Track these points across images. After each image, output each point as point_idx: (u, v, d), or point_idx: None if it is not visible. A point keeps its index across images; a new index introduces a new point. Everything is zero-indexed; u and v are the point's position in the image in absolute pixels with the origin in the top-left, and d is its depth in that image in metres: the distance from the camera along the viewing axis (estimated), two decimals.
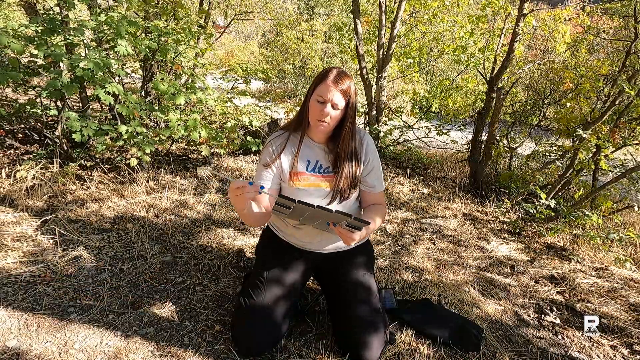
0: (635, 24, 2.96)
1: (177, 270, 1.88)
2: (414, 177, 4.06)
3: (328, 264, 1.52)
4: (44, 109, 2.69)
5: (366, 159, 1.44)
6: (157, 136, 2.72)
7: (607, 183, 2.87)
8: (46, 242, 1.95)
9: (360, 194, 1.50)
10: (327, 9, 12.25)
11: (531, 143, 4.40)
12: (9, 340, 1.33)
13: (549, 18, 4.54)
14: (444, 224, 2.88)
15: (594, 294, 2.07)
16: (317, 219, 1.24)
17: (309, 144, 1.42)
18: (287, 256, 1.49)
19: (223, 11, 6.82)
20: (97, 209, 2.35)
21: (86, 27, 2.39)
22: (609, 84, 3.34)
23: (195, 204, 2.62)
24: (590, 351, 1.63)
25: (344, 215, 1.14)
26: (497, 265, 2.33)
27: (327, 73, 1.29)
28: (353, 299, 1.41)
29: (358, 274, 1.47)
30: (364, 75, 4.14)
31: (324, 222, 1.24)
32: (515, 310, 1.87)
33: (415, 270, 2.12)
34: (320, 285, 1.61)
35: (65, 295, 1.58)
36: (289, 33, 10.00)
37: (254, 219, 1.33)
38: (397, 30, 4.08)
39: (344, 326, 1.40)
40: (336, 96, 1.26)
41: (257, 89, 10.78)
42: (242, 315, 1.39)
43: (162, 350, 1.36)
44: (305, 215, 1.22)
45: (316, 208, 1.11)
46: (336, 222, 1.21)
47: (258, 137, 3.80)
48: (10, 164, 2.62)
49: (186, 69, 3.21)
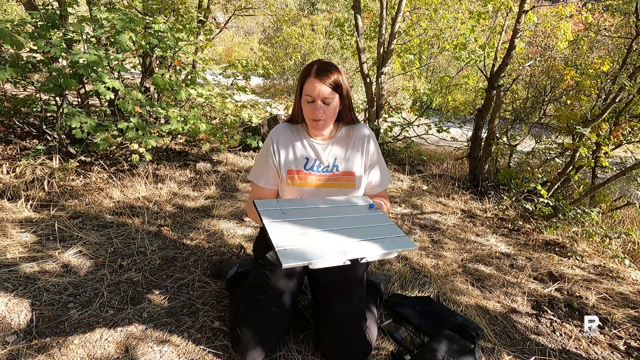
0: (637, 21, 2.95)
1: (177, 266, 1.88)
2: (414, 173, 4.06)
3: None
4: (43, 105, 2.68)
5: (368, 152, 1.40)
6: (157, 132, 2.72)
7: (607, 180, 2.87)
8: (46, 237, 1.95)
9: (365, 191, 1.46)
10: (328, 4, 12.19)
11: (531, 140, 4.39)
12: (8, 335, 1.33)
13: (550, 15, 4.52)
14: (443, 221, 2.88)
15: (592, 290, 2.08)
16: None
17: (308, 142, 1.38)
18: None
19: (223, 6, 6.79)
20: (96, 205, 2.35)
21: (86, 21, 2.38)
22: (609, 81, 3.33)
23: (195, 200, 2.62)
24: (588, 348, 1.64)
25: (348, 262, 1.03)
26: (495, 262, 2.34)
27: (309, 69, 1.23)
28: (335, 301, 1.36)
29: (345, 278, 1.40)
30: (364, 72, 4.13)
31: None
32: (513, 307, 1.87)
33: (414, 266, 2.13)
34: (309, 282, 1.56)
35: (65, 291, 1.59)
36: (289, 29, 9.95)
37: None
38: (398, 26, 4.06)
39: (325, 327, 1.37)
40: (323, 90, 1.21)
41: (256, 85, 10.75)
42: (247, 326, 1.31)
43: (162, 346, 1.37)
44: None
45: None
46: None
47: (258, 133, 3.80)
48: (9, 159, 2.62)
49: (186, 64, 3.20)
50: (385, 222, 1.21)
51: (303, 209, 1.23)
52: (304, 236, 1.08)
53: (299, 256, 0.98)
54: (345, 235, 1.10)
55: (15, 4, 8.89)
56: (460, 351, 1.42)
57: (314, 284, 1.47)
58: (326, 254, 1.01)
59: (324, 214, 1.21)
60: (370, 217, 1.23)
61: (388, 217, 1.25)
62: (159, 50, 2.80)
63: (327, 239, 1.08)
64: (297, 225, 1.12)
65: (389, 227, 1.19)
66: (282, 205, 1.23)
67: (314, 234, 1.09)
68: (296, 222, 1.14)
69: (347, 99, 1.31)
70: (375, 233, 1.14)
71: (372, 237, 1.11)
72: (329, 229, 1.13)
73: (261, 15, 9.35)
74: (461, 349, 1.43)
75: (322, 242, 1.06)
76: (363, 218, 1.22)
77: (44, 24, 2.26)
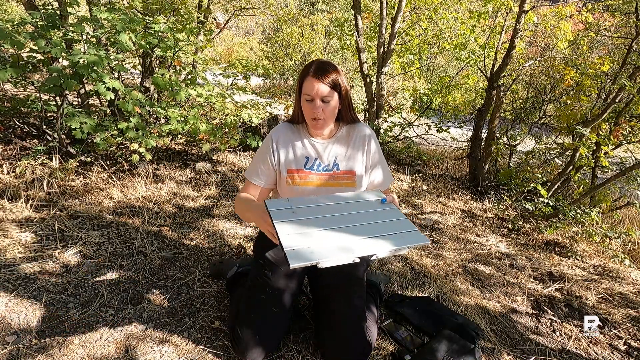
0: (637, 21, 2.95)
1: (177, 266, 1.88)
2: (414, 173, 4.06)
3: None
4: (43, 105, 2.69)
5: (369, 151, 1.40)
6: (157, 132, 2.72)
7: (607, 180, 2.87)
8: (46, 237, 1.95)
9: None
10: (328, 4, 12.19)
11: (531, 140, 4.39)
12: (8, 335, 1.33)
13: (550, 15, 4.52)
14: (443, 221, 2.88)
15: (592, 290, 2.08)
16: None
17: (309, 141, 1.37)
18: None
19: (223, 7, 6.79)
20: (96, 205, 2.35)
21: (86, 21, 2.38)
22: (609, 81, 3.33)
23: (195, 200, 2.62)
24: (588, 348, 1.64)
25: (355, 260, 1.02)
26: (495, 262, 2.34)
27: (308, 68, 1.25)
28: (335, 301, 1.36)
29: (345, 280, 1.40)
30: (364, 72, 4.13)
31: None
32: (513, 307, 1.87)
33: (414, 266, 2.13)
34: (309, 282, 1.56)
35: (65, 291, 1.59)
36: (289, 29, 9.95)
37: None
38: (398, 26, 4.06)
39: (325, 327, 1.37)
40: (322, 88, 1.22)
41: (256, 85, 10.75)
42: (247, 326, 1.31)
43: (162, 346, 1.37)
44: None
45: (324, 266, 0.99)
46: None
47: (258, 133, 3.80)
48: (9, 159, 2.62)
49: (186, 64, 3.20)
50: (397, 217, 1.18)
51: (313, 207, 1.21)
52: (313, 235, 1.07)
53: (307, 256, 0.98)
54: (355, 233, 1.09)
55: (15, 4, 8.89)
56: (460, 351, 1.42)
57: (314, 284, 1.47)
58: (334, 253, 1.01)
59: (334, 211, 1.19)
60: (382, 212, 1.20)
61: (400, 212, 1.21)
62: (159, 50, 2.80)
63: (337, 237, 1.07)
64: (307, 225, 1.11)
65: (400, 222, 1.16)
66: (293, 204, 1.22)
67: (323, 233, 1.08)
68: (306, 221, 1.13)
69: (347, 98, 1.31)
70: (385, 229, 1.12)
71: (383, 234, 1.09)
72: (339, 227, 1.11)
73: (261, 15, 9.35)
74: (461, 349, 1.43)
75: (331, 241, 1.05)
76: (375, 213, 1.19)
77: (44, 24, 2.26)
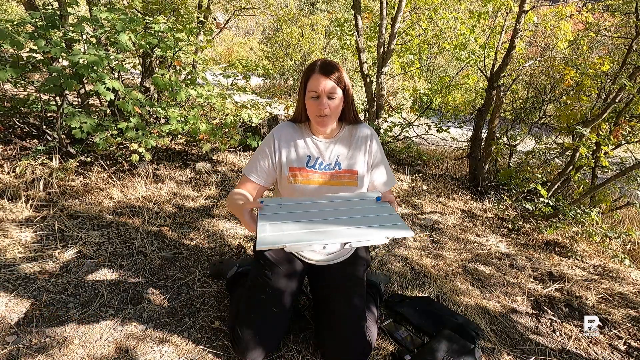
0: (637, 21, 2.95)
1: (177, 266, 1.88)
2: (414, 173, 4.06)
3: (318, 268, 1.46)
4: (43, 105, 2.69)
5: (370, 151, 1.40)
6: (157, 132, 2.72)
7: (607, 180, 2.87)
8: (45, 237, 1.95)
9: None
10: (328, 4, 12.19)
11: (531, 140, 4.39)
12: (8, 335, 1.33)
13: (550, 15, 4.52)
14: (443, 221, 2.88)
15: (592, 290, 2.08)
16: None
17: (311, 140, 1.37)
18: (286, 256, 1.46)
19: (223, 7, 6.79)
20: (96, 205, 2.35)
21: (86, 21, 2.38)
22: (609, 81, 3.33)
23: (195, 200, 2.62)
24: (588, 348, 1.64)
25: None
26: (495, 262, 2.34)
27: (313, 66, 1.27)
28: (335, 302, 1.37)
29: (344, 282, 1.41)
30: (365, 72, 4.13)
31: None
32: (513, 307, 1.87)
33: (414, 266, 2.13)
34: (309, 282, 1.56)
35: (65, 291, 1.59)
36: (289, 29, 9.95)
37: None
38: (398, 26, 4.06)
39: (325, 327, 1.37)
40: (328, 84, 1.23)
41: (256, 85, 10.75)
42: (247, 326, 1.31)
43: (162, 346, 1.37)
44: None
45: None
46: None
47: (258, 133, 3.80)
48: (9, 159, 2.62)
49: (186, 64, 3.20)
50: (388, 213, 1.14)
51: (302, 203, 1.22)
52: (290, 224, 1.06)
53: (275, 240, 0.98)
54: (335, 223, 1.08)
55: (15, 4, 8.89)
56: (460, 351, 1.42)
57: (314, 284, 1.47)
58: (304, 238, 1.00)
59: (322, 207, 1.19)
60: (372, 208, 1.18)
61: (392, 208, 1.18)
62: (159, 51, 2.80)
63: (314, 226, 1.06)
64: (289, 216, 1.11)
65: (389, 216, 1.12)
66: (283, 201, 1.23)
67: (302, 223, 1.07)
68: (289, 214, 1.13)
69: (349, 96, 1.32)
70: (369, 221, 1.09)
71: (363, 225, 1.07)
72: (321, 219, 1.10)
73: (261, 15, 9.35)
74: (461, 349, 1.43)
75: (307, 228, 1.04)
76: (364, 209, 1.17)
77: (44, 24, 2.26)
